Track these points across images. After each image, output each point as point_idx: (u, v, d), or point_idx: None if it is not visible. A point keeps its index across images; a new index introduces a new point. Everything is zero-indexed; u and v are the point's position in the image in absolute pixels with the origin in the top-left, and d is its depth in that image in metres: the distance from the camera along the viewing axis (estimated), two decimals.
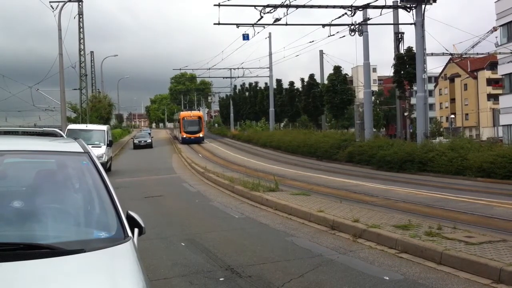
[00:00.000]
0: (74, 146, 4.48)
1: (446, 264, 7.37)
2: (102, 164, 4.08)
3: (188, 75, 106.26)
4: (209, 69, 59.47)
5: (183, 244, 9.73)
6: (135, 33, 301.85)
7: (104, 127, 30.17)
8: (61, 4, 33.49)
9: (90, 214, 4.01)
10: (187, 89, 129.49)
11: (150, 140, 54.95)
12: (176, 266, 8.05)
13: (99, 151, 24.87)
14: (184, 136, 57.06)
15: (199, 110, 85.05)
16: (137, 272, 3.20)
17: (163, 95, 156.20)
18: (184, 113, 61.22)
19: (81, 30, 49.96)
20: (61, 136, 5.27)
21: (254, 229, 11.22)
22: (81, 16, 49.30)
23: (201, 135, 58.43)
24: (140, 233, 3.86)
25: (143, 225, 3.89)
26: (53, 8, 38.10)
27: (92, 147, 5.42)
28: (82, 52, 50.48)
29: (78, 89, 49.96)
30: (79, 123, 42.62)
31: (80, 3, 48.14)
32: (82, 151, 4.36)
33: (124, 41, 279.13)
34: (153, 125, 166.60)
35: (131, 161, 37.75)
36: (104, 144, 27.01)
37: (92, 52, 69.10)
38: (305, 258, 8.34)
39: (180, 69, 63.81)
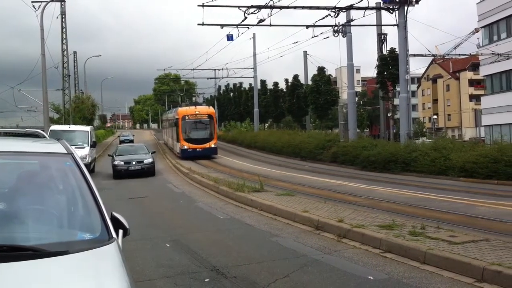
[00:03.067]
0: (57, 147, 4.43)
1: (430, 264, 7.43)
2: (86, 165, 4.04)
3: (172, 76, 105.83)
4: (194, 69, 59.01)
5: (168, 245, 9.69)
6: (118, 33, 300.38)
7: (88, 128, 29.96)
8: (43, 4, 33.19)
9: (74, 215, 3.97)
10: (171, 89, 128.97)
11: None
12: (161, 267, 8.02)
13: (83, 152, 24.68)
14: (185, 147, 35.70)
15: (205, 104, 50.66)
16: (122, 273, 3.18)
17: (147, 95, 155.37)
18: (184, 110, 37.73)
19: (64, 30, 49.48)
20: (44, 137, 5.22)
21: (239, 229, 11.21)
22: (63, 16, 48.84)
23: (213, 145, 36.33)
24: (124, 234, 3.83)
25: (127, 226, 3.87)
26: (35, 8, 37.67)
27: (75, 148, 5.37)
28: (65, 53, 49.97)
29: (61, 90, 49.45)
30: (62, 124, 42.25)
31: (62, 3, 47.68)
32: (66, 152, 4.31)
33: (107, 42, 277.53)
34: (137, 125, 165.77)
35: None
36: (88, 145, 26.83)
37: (75, 53, 68.36)
38: (290, 258, 8.36)
39: (164, 70, 63.39)
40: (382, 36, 34.66)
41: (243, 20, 26.60)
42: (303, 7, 27.31)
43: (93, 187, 3.93)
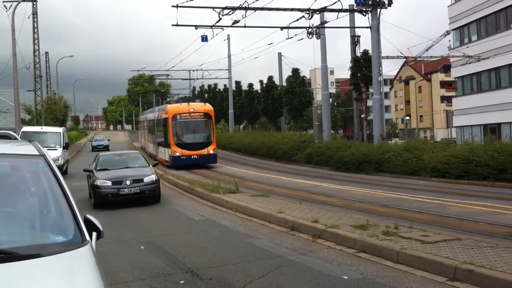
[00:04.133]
0: (29, 149, 4.37)
1: (403, 263, 7.52)
2: (59, 167, 3.99)
3: (146, 76, 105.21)
4: (168, 70, 58.76)
5: (143, 247, 9.63)
6: (91, 33, 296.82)
7: (60, 129, 29.54)
8: (14, 4, 32.60)
9: (46, 218, 3.92)
10: (145, 90, 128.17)
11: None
12: (136, 270, 7.96)
13: (55, 154, 24.32)
14: (177, 153, 28.80)
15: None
16: (96, 276, 3.15)
17: (120, 96, 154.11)
18: (175, 107, 30.26)
19: (36, 30, 48.77)
20: (16, 138, 5.15)
21: (215, 231, 11.19)
22: (35, 16, 48.15)
23: (211, 150, 29.46)
24: (98, 237, 3.80)
25: (101, 228, 3.83)
26: (6, 8, 37.08)
27: (47, 149, 5.28)
28: (36, 53, 49.28)
29: (33, 91, 48.75)
30: (34, 125, 41.57)
31: (34, 3, 47.03)
32: (38, 153, 4.25)
33: (79, 42, 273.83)
34: (111, 127, 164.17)
35: (88, 164, 37.03)
36: (60, 147, 26.46)
37: (47, 53, 67.50)
38: (265, 259, 8.37)
39: (138, 71, 62.61)
40: (356, 38, 34.97)
41: (217, 21, 26.55)
42: (277, 9, 27.42)
43: (66, 189, 3.88)
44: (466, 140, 26.90)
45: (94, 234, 3.75)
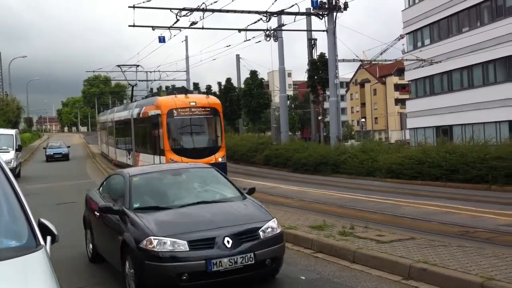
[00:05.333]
0: None
1: (359, 262, 7.65)
2: (11, 169, 3.85)
3: (102, 78, 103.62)
4: (125, 71, 58.05)
5: None
6: (45, 33, 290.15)
7: (12, 131, 28.79)
8: None
9: None
10: (101, 91, 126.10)
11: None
12: (91, 274, 7.82)
13: (8, 156, 23.73)
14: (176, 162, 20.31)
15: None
16: (50, 281, 3.10)
17: (75, 98, 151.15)
18: (170, 100, 22.53)
19: None
20: None
21: None
22: None
23: (220, 158, 21.82)
24: (53, 241, 3.73)
25: (56, 232, 3.77)
26: None
27: None
28: None
29: None
30: None
31: None
32: None
33: (33, 42, 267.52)
34: (65, 129, 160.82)
35: (42, 167, 36.19)
36: (13, 149, 25.84)
37: None
38: None
39: (93, 71, 61.44)
40: (312, 41, 35.35)
41: (175, 23, 26.38)
42: (235, 11, 27.44)
43: (19, 193, 3.80)
44: (419, 142, 27.57)
45: (49, 238, 3.68)
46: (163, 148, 21.49)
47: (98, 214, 7.71)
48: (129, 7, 24.92)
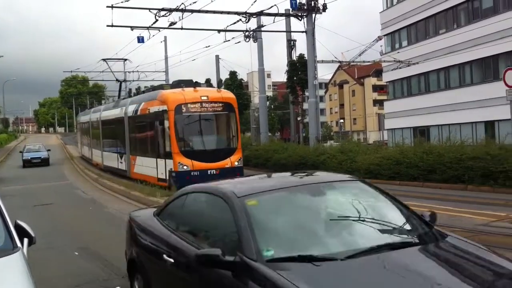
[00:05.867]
0: None
1: None
2: None
3: (80, 78, 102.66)
4: (103, 71, 57.54)
5: (77, 253, 9.39)
6: (21, 33, 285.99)
7: None
8: None
9: None
10: (79, 92, 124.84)
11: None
12: (69, 276, 7.76)
13: None
14: (186, 167, 18.51)
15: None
16: (27, 284, 3.07)
17: (53, 98, 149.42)
18: (178, 94, 19.59)
19: None
20: None
21: None
22: None
23: (236, 162, 19.64)
24: (30, 243, 3.70)
25: (33, 234, 3.74)
26: None
27: None
28: None
29: None
30: None
31: None
32: None
33: (9, 42, 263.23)
34: (42, 129, 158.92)
35: (19, 168, 35.74)
36: None
37: None
38: None
39: (71, 72, 60.65)
40: (292, 42, 35.50)
41: (154, 23, 26.22)
42: (214, 12, 27.39)
43: None
44: (397, 143, 27.80)
45: (26, 240, 3.65)
46: (170, 151, 18.71)
47: (171, 260, 4.68)
48: (107, 7, 24.69)
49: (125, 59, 34.32)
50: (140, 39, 30.62)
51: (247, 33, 29.27)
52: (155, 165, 19.78)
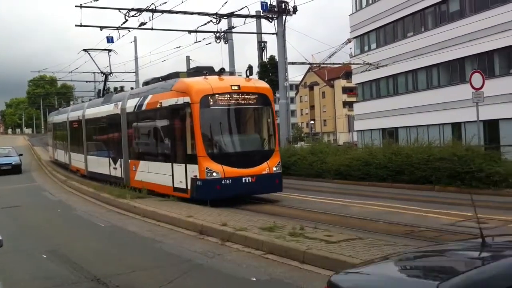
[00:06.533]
0: None
1: (309, 263, 7.75)
2: None
3: (47, 78, 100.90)
4: (71, 72, 56.59)
5: (45, 256, 9.24)
6: None
7: None
8: None
9: None
10: (47, 92, 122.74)
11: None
12: (37, 280, 7.64)
13: None
14: (216, 175, 14.39)
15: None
16: None
17: (20, 98, 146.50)
18: (203, 83, 15.16)
19: None
20: None
21: (122, 237, 10.97)
22: None
23: (275, 167, 15.83)
24: None
25: (0, 237, 3.68)
26: None
27: None
28: None
29: None
30: None
31: None
32: None
33: None
34: (9, 131, 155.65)
35: None
36: None
37: None
38: (174, 264, 8.33)
39: (38, 72, 59.64)
40: (262, 43, 35.57)
41: (123, 23, 26.00)
42: (185, 12, 27.28)
43: None
44: (366, 144, 28.11)
45: None
46: (194, 153, 14.75)
47: None
48: (75, 6, 24.38)
49: (110, 50, 29.03)
50: (110, 39, 30.27)
51: (218, 34, 29.27)
52: (169, 172, 15.80)
